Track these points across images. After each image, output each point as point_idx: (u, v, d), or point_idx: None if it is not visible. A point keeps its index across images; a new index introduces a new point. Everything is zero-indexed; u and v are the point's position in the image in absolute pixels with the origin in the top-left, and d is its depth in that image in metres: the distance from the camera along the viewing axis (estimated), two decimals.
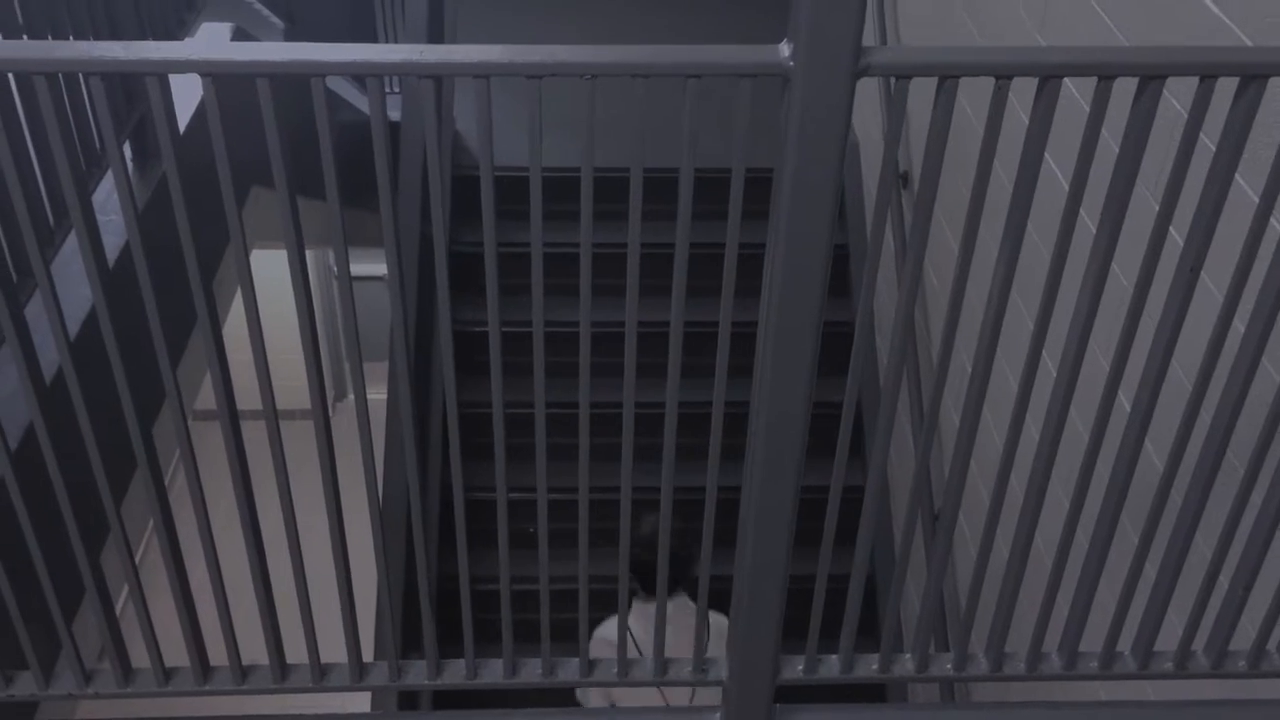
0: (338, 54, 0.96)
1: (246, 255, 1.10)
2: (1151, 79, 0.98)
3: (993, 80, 0.98)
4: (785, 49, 0.94)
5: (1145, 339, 1.23)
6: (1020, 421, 1.32)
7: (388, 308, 1.16)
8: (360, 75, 0.97)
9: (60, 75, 1.66)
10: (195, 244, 1.06)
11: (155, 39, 2.51)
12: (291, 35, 3.49)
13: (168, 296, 1.12)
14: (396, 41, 4.75)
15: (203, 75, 0.96)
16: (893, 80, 0.99)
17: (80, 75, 1.38)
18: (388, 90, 4.90)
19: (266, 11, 3.42)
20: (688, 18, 5.39)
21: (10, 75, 1.36)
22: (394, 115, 4.46)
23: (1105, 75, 0.98)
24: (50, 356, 1.16)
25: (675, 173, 1.02)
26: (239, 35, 2.95)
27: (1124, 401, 1.30)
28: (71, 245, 1.98)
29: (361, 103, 4.38)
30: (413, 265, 4.00)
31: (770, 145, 1.01)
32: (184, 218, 1.06)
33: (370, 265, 4.59)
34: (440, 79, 0.97)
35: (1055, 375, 1.27)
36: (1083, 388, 1.28)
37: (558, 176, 1.33)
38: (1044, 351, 1.25)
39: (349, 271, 1.14)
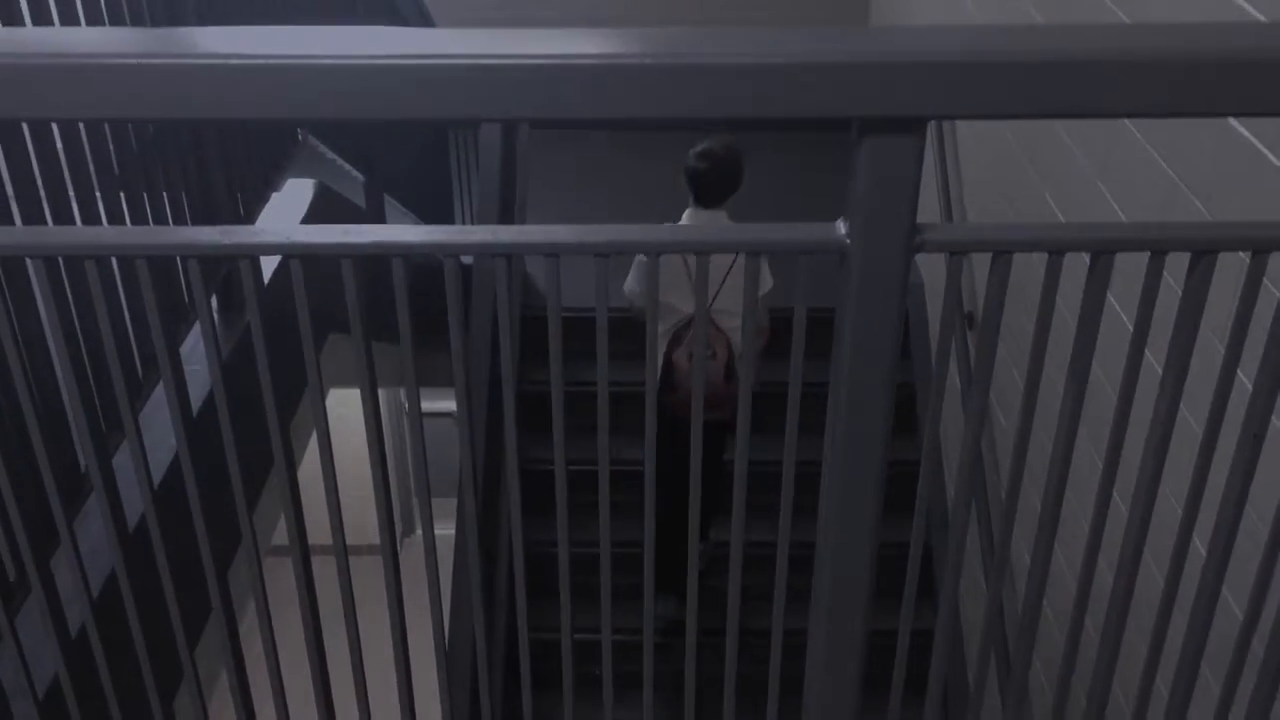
0: (417, 235, 1.02)
1: (323, 400, 1.15)
2: (1205, 253, 1.00)
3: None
4: (842, 226, 0.99)
5: (1217, 489, 1.23)
6: (1092, 564, 1.31)
7: (455, 443, 1.20)
8: (439, 254, 1.03)
9: None
10: (274, 389, 1.11)
11: (245, 197, 2.65)
12: (370, 185, 3.65)
13: (247, 439, 1.17)
14: (469, 182, 4.92)
15: (292, 257, 1.03)
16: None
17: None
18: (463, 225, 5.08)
19: (346, 165, 3.59)
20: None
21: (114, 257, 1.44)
22: (466, 258, 4.61)
23: (1158, 250, 1.01)
24: (134, 505, 1.21)
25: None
26: (321, 190, 3.09)
27: (1199, 546, 1.29)
28: (158, 394, 2.08)
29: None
30: (482, 405, 4.08)
31: (833, 282, 1.04)
32: (266, 372, 1.11)
33: (438, 401, 4.69)
34: (511, 257, 1.03)
35: (1127, 517, 1.27)
36: (1156, 531, 1.27)
37: (624, 316, 1.37)
38: (1114, 492, 1.25)
39: (420, 417, 1.17)
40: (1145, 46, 0.90)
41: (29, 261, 1.04)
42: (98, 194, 1.89)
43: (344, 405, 1.83)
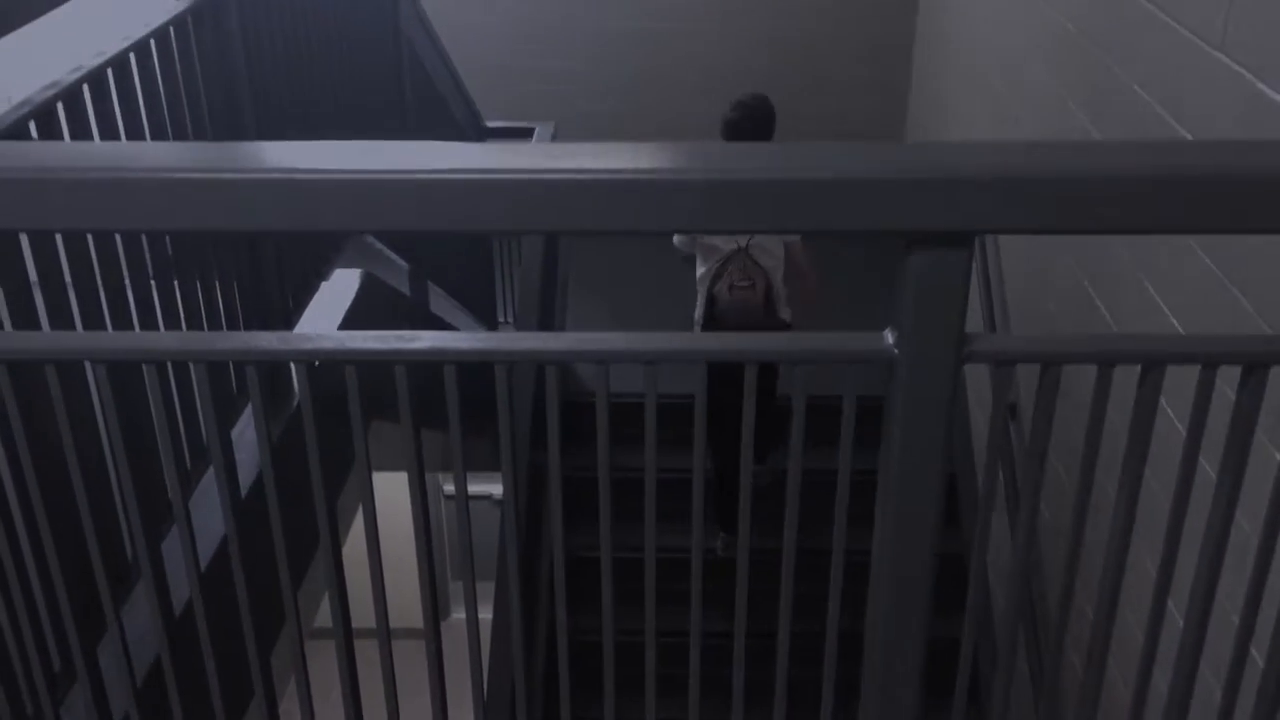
0: (469, 342, 1.04)
1: (370, 480, 1.15)
2: (1258, 367, 1.00)
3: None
4: (889, 336, 0.99)
5: (1274, 597, 1.20)
6: (1148, 673, 1.28)
7: (493, 526, 1.20)
8: (486, 361, 1.04)
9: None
10: (322, 473, 1.12)
11: (294, 287, 2.70)
12: (415, 275, 3.70)
13: (292, 522, 1.18)
14: (512, 276, 4.98)
15: (348, 364, 1.05)
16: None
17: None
18: (503, 319, 5.14)
19: (392, 254, 3.65)
20: None
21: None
22: None
23: (1209, 364, 1.00)
24: (180, 589, 1.22)
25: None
26: (367, 280, 3.15)
27: (1256, 657, 1.26)
28: (205, 478, 2.11)
29: (474, 330, 4.60)
30: (523, 490, 4.08)
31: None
32: (317, 468, 1.12)
33: (479, 485, 4.69)
34: (556, 365, 1.04)
35: (1183, 626, 1.25)
36: (1212, 640, 1.24)
37: (671, 404, 1.37)
38: (1169, 600, 1.23)
39: (468, 503, 1.17)
40: (1200, 164, 0.91)
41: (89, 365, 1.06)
42: (154, 291, 1.94)
43: (387, 487, 1.84)
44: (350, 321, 2.97)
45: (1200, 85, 2.52)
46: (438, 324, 4.07)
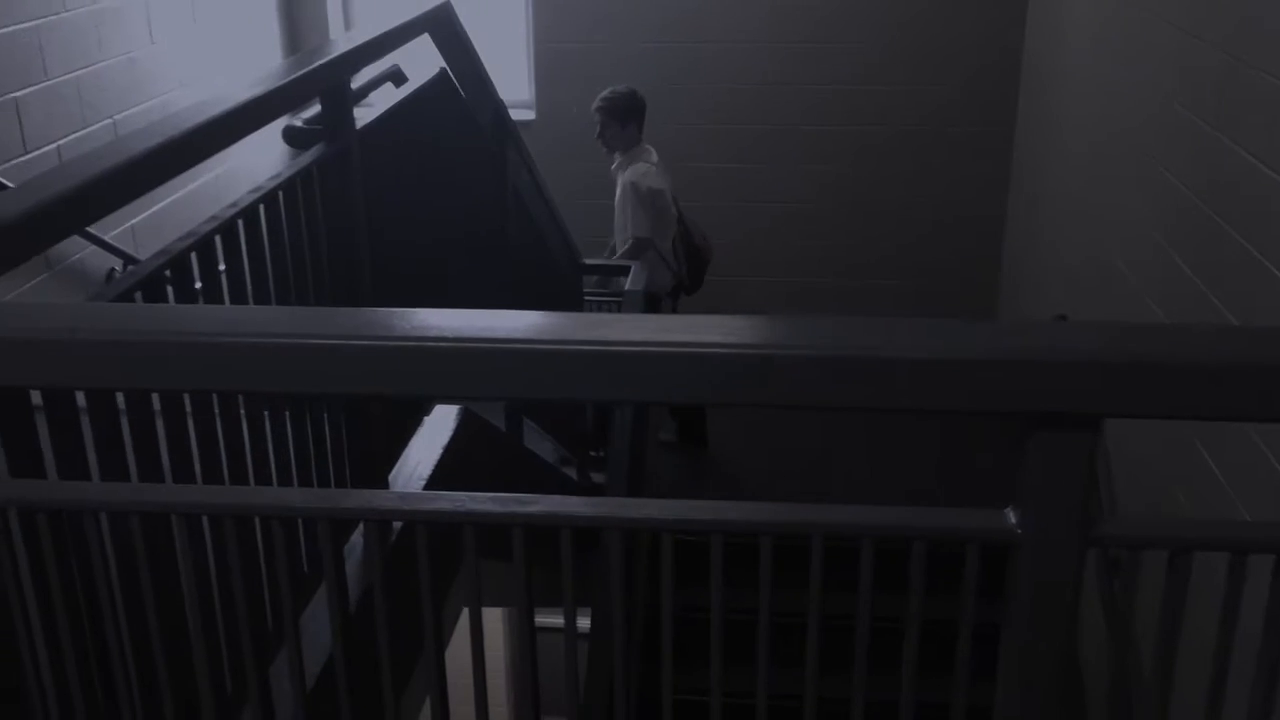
0: (584, 507, 1.05)
1: (479, 611, 1.15)
2: None
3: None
4: (1012, 515, 0.98)
5: None
6: None
7: (559, 661, 1.18)
8: (600, 528, 1.05)
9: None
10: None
11: (399, 423, 2.76)
12: (510, 410, 3.75)
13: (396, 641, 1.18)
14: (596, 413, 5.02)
15: (466, 524, 1.06)
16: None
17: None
18: (596, 454, 5.15)
19: None
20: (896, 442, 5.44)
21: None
22: (598, 478, 4.67)
23: None
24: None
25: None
26: (464, 416, 3.20)
27: None
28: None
29: (567, 467, 4.62)
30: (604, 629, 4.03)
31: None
32: (430, 602, 1.13)
33: (549, 617, 4.66)
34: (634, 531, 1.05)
35: None
36: None
37: (737, 544, 1.35)
38: None
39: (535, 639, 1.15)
40: None
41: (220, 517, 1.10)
42: (267, 423, 1.99)
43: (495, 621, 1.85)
44: (448, 456, 3.01)
45: None
46: (531, 460, 4.10)
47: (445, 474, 2.96)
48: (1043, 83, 5.57)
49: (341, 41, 2.32)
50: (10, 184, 3.82)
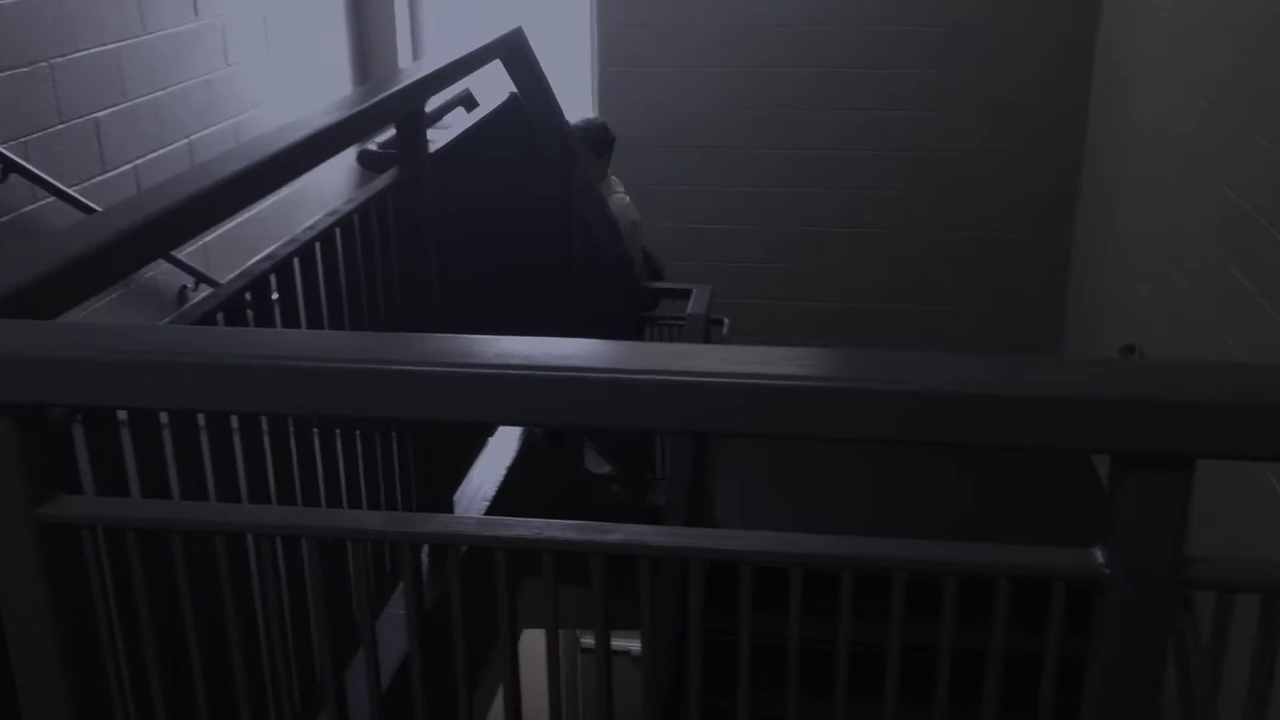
0: (663, 537, 1.05)
1: (556, 634, 1.15)
2: None
3: None
4: (1099, 555, 0.96)
5: None
6: None
7: (629, 683, 1.18)
8: (679, 557, 1.05)
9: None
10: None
11: (462, 445, 2.78)
12: (572, 431, 3.77)
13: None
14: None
15: (545, 552, 1.07)
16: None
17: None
18: (654, 477, 5.15)
19: None
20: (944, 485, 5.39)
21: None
22: (658, 501, 4.68)
23: None
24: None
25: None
26: (528, 437, 3.22)
27: None
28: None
29: (625, 488, 4.63)
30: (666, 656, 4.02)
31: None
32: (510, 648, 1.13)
33: (617, 641, 4.65)
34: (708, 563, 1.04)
35: None
36: None
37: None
38: None
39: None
40: None
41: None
42: (339, 443, 2.02)
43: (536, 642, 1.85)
44: (511, 476, 3.04)
45: None
46: (592, 482, 4.12)
47: (507, 494, 2.98)
48: (1112, 106, 5.50)
49: (417, 68, 2.36)
50: (89, 202, 3.92)
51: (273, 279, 1.78)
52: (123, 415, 1.41)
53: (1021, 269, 6.28)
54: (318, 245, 1.94)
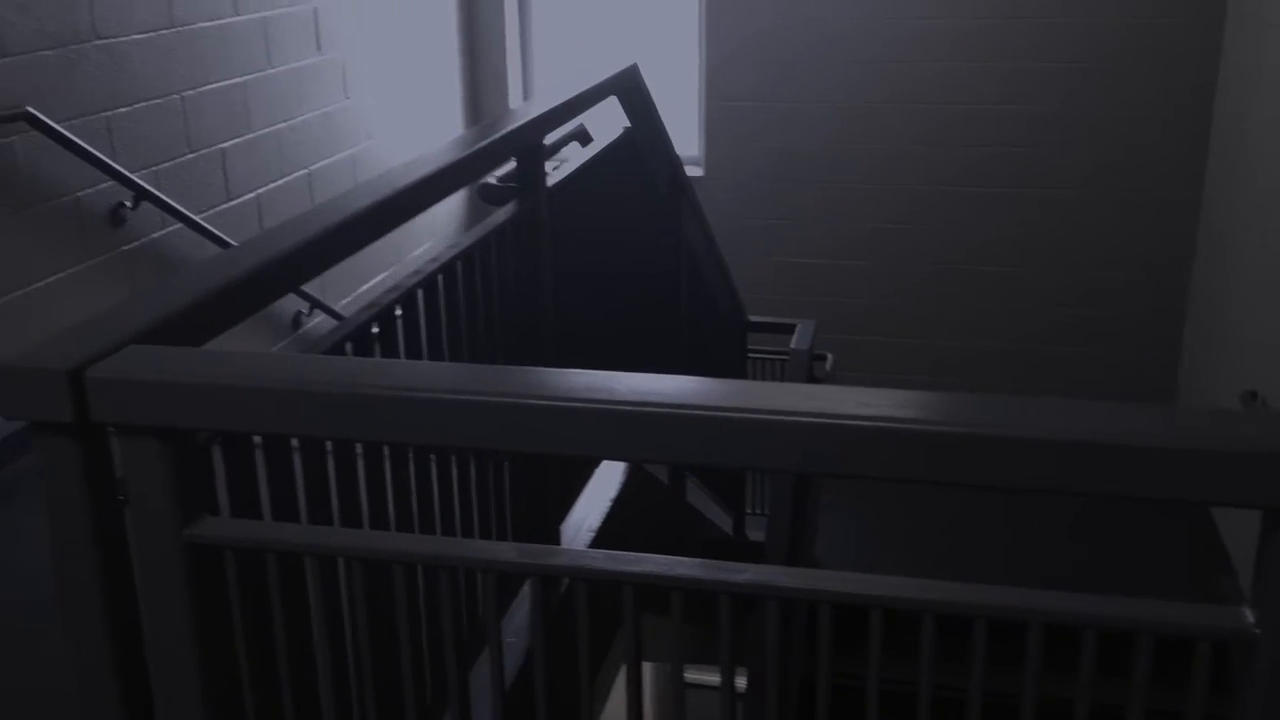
0: (787, 579, 1.05)
1: (681, 668, 1.16)
2: None
3: None
4: (1249, 614, 0.93)
5: None
6: None
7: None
8: (809, 600, 1.04)
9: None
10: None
11: (570, 478, 2.80)
12: (675, 473, 3.78)
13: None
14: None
15: (674, 589, 1.07)
16: None
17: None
18: (751, 512, 5.13)
19: None
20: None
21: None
22: (757, 536, 4.65)
23: None
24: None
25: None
26: (632, 470, 3.23)
27: None
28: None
29: (724, 522, 4.61)
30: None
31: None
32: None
33: (701, 674, 4.64)
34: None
35: None
36: None
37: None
38: None
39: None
40: None
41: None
42: (454, 471, 2.05)
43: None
44: (615, 509, 3.05)
45: None
46: (692, 514, 4.11)
47: (612, 526, 3.00)
48: (1232, 149, 5.35)
49: (539, 103, 2.40)
50: (214, 229, 4.07)
51: (398, 310, 1.83)
52: (256, 439, 1.45)
53: (1136, 311, 6.13)
54: (440, 278, 1.98)
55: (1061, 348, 6.27)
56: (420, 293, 1.91)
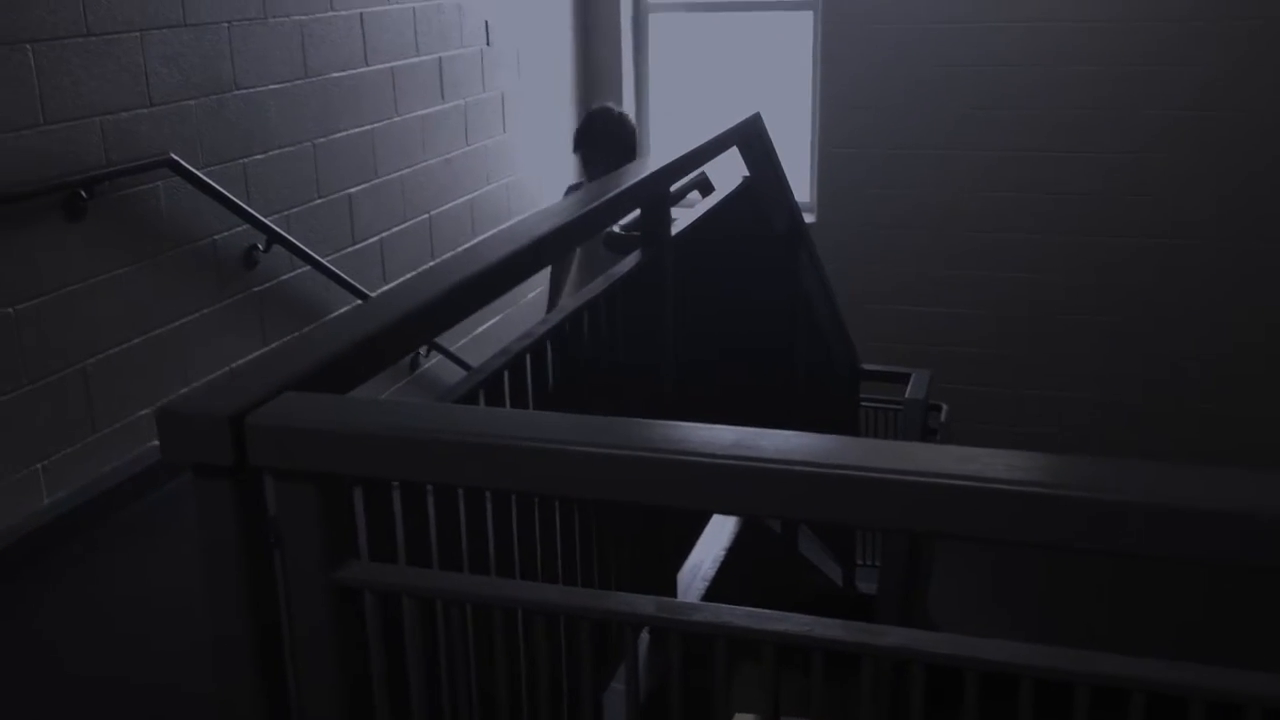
0: (933, 644, 1.03)
1: None
2: None
3: None
4: None
5: None
6: None
7: None
8: (955, 667, 1.03)
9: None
10: None
11: (685, 528, 2.80)
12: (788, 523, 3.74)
13: None
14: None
15: (813, 649, 1.06)
16: None
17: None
18: (862, 563, 5.06)
19: None
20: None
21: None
22: (867, 588, 4.58)
23: None
24: None
25: None
26: (746, 520, 3.21)
27: None
28: None
29: (834, 572, 4.55)
30: None
31: None
32: None
33: None
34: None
35: None
36: None
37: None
38: None
39: None
40: None
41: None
42: (577, 521, 2.07)
43: None
44: (730, 557, 3.04)
45: None
46: (804, 564, 4.07)
47: (726, 575, 2.98)
48: None
49: (663, 155, 2.43)
50: (341, 273, 4.19)
51: (528, 359, 1.86)
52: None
53: (1260, 369, 5.91)
54: (567, 326, 2.01)
55: (1185, 400, 6.07)
56: (549, 342, 1.93)
